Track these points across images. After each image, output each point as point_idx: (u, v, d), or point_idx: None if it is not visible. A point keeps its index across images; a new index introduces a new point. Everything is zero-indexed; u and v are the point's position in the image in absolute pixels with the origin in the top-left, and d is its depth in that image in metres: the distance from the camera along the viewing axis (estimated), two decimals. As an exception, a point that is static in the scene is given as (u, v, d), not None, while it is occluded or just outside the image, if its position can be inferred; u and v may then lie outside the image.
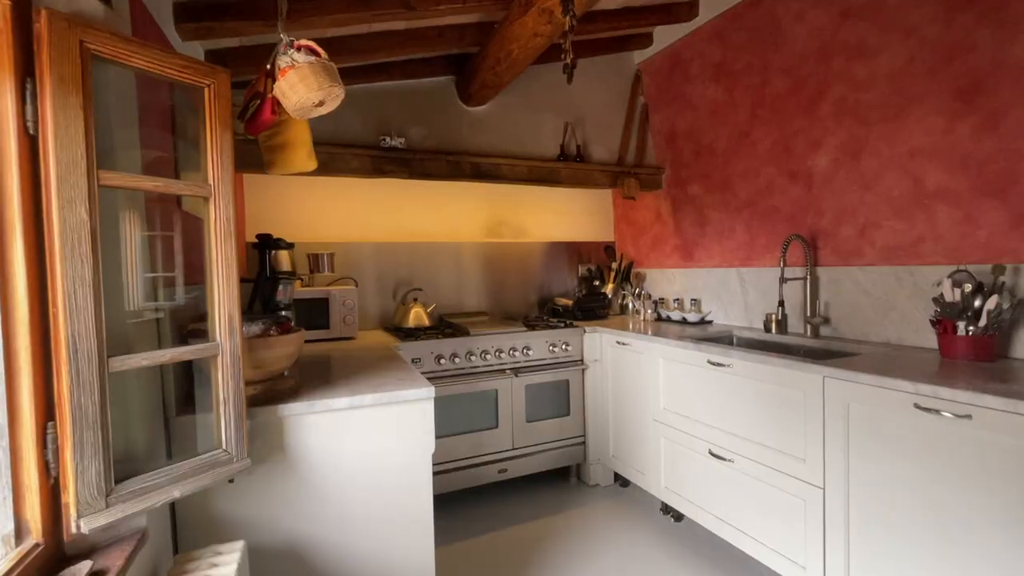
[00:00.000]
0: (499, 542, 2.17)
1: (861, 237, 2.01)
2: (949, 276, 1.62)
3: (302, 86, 1.20)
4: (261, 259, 1.85)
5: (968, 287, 1.56)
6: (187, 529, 1.19)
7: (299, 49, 1.23)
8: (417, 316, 2.71)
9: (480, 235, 3.07)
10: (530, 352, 2.54)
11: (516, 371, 2.50)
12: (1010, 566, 1.17)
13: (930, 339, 1.76)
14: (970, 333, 1.54)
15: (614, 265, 3.25)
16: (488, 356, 2.45)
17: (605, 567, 1.97)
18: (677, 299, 2.92)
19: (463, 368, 2.41)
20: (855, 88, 2.01)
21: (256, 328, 1.27)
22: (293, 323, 1.69)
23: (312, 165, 1.41)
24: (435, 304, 2.87)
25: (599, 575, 1.92)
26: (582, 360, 2.67)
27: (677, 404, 2.16)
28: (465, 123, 2.73)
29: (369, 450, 1.33)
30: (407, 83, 2.63)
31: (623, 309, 3.22)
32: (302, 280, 2.52)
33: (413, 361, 2.30)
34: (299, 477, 1.26)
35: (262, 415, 1.23)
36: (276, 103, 1.26)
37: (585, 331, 2.67)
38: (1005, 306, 1.51)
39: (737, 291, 2.56)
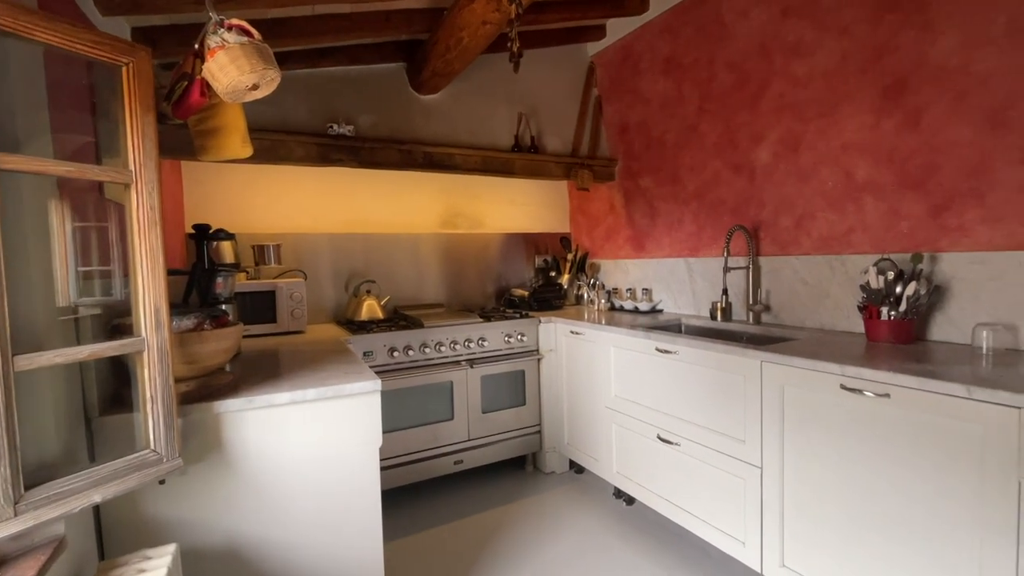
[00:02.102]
0: (454, 533, 2.17)
1: (798, 228, 2.10)
2: (874, 264, 1.73)
3: (233, 68, 1.14)
4: (198, 250, 1.76)
5: (891, 275, 1.67)
6: (115, 535, 1.13)
7: (230, 29, 1.17)
8: (370, 309, 2.66)
9: (436, 226, 3.04)
10: (485, 343, 2.54)
11: (471, 362, 2.50)
12: (926, 528, 1.26)
13: (859, 324, 1.87)
14: (892, 318, 1.64)
15: (569, 256, 3.28)
16: (443, 348, 2.43)
17: (558, 552, 2.01)
18: (630, 289, 2.98)
19: (417, 361, 2.38)
20: (793, 85, 2.09)
21: (188, 322, 1.22)
22: (231, 317, 1.62)
23: (247, 151, 1.35)
24: (389, 296, 2.83)
25: (552, 561, 1.96)
26: (537, 350, 2.69)
27: (628, 391, 2.21)
28: (417, 111, 2.68)
29: (313, 446, 1.30)
30: (356, 69, 2.55)
31: (578, 299, 3.26)
32: (247, 272, 2.43)
33: (365, 355, 2.26)
34: (238, 475, 1.22)
35: (196, 412, 1.18)
36: (206, 85, 1.19)
37: (540, 321, 2.69)
38: (922, 292, 1.62)
39: (686, 280, 2.63)
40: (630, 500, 2.37)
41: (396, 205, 2.92)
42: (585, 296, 3.14)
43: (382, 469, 2.26)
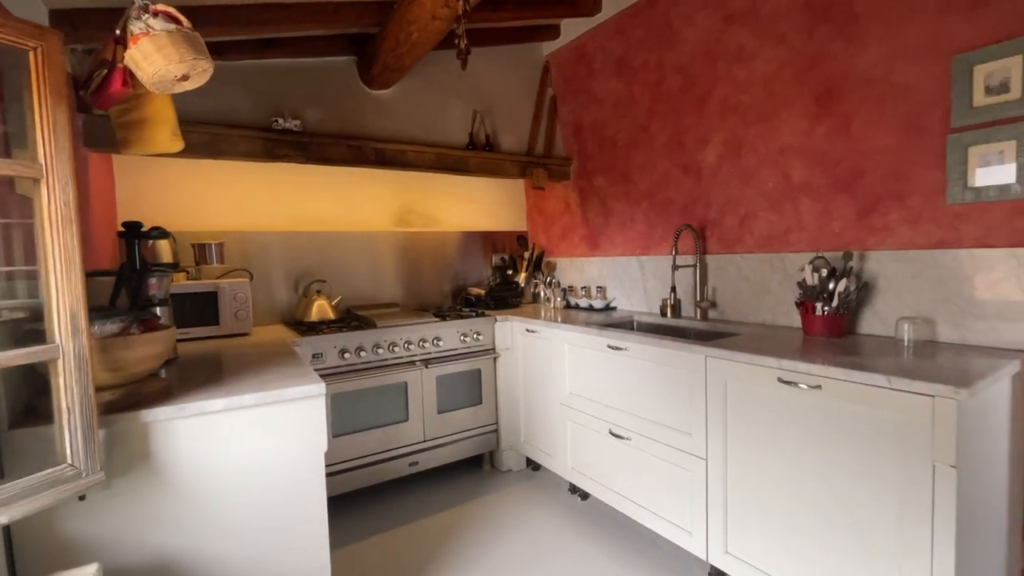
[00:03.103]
0: (407, 536, 2.14)
1: (742, 227, 2.19)
2: (810, 262, 1.81)
3: (159, 56, 1.08)
4: (128, 249, 1.66)
5: (824, 272, 1.76)
6: (29, 556, 1.05)
7: (155, 15, 1.10)
8: (321, 309, 2.58)
9: (390, 224, 2.98)
10: (441, 343, 2.52)
11: (426, 362, 2.47)
12: (857, 511, 1.34)
13: (797, 319, 1.96)
14: (826, 313, 1.73)
15: (526, 254, 3.29)
16: (397, 348, 2.39)
17: (512, 550, 2.01)
18: (585, 287, 3.02)
19: (370, 362, 2.33)
20: (736, 89, 2.17)
21: (113, 326, 1.14)
22: (165, 319, 1.54)
23: (178, 146, 1.28)
24: (341, 296, 2.76)
25: (506, 559, 1.96)
26: (494, 349, 2.69)
27: (581, 388, 2.24)
28: (368, 106, 2.62)
29: (252, 453, 1.25)
30: (304, 61, 2.47)
31: (535, 298, 3.28)
32: (187, 273, 2.31)
33: (315, 356, 2.19)
34: (169, 487, 1.15)
35: (122, 423, 1.10)
36: (129, 74, 1.12)
37: (497, 320, 2.69)
38: (852, 288, 1.71)
39: (638, 278, 2.69)
40: (585, 495, 2.40)
41: (349, 202, 2.85)
42: (542, 294, 3.16)
43: (333, 474, 2.22)
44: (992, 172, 1.49)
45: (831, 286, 1.73)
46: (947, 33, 1.56)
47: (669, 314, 2.39)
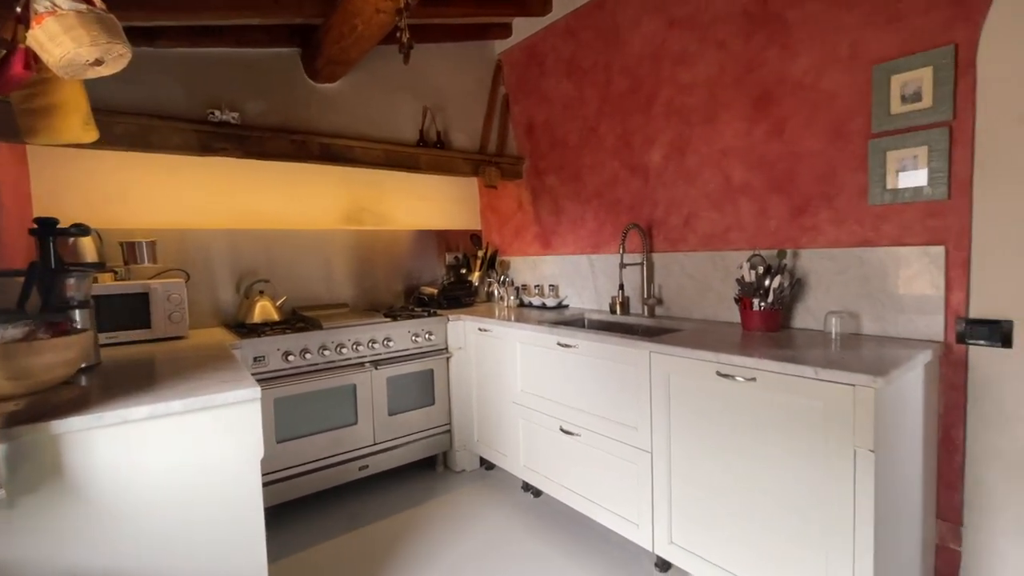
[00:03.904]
0: (358, 541, 2.09)
1: (686, 226, 2.25)
2: (747, 260, 1.89)
3: (67, 39, 1.00)
4: (41, 248, 1.53)
5: (760, 269, 1.83)
6: (-83, 586, 0.95)
7: (63, -7, 1.02)
8: (264, 310, 2.48)
9: (339, 222, 2.90)
10: (391, 343, 2.47)
11: (376, 364, 2.41)
12: (790, 495, 1.40)
13: (737, 314, 2.04)
14: (762, 308, 1.81)
15: (480, 253, 3.28)
16: (344, 350, 2.33)
17: (464, 551, 2.00)
18: (538, 285, 3.04)
19: (316, 364, 2.26)
20: (680, 92, 2.24)
21: (15, 331, 1.05)
22: (83, 323, 1.44)
23: (90, 136, 1.19)
24: (286, 297, 2.66)
25: (458, 560, 1.95)
26: (446, 348, 2.66)
27: (533, 385, 2.25)
28: (313, 100, 2.54)
29: (180, 463, 1.18)
30: (244, 52, 2.36)
31: (489, 296, 3.28)
32: (115, 273, 2.16)
33: (256, 359, 2.10)
34: (85, 503, 1.07)
35: (27, 435, 1.02)
36: (33, 56, 1.03)
37: (449, 319, 2.66)
38: (786, 285, 1.80)
39: (588, 276, 2.73)
40: (537, 492, 2.42)
41: (296, 199, 2.75)
42: (496, 293, 3.16)
43: (277, 481, 2.13)
44: (908, 175, 1.59)
45: (767, 283, 1.80)
46: (868, 44, 1.65)
47: (618, 311, 2.44)
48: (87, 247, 1.95)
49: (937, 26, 1.51)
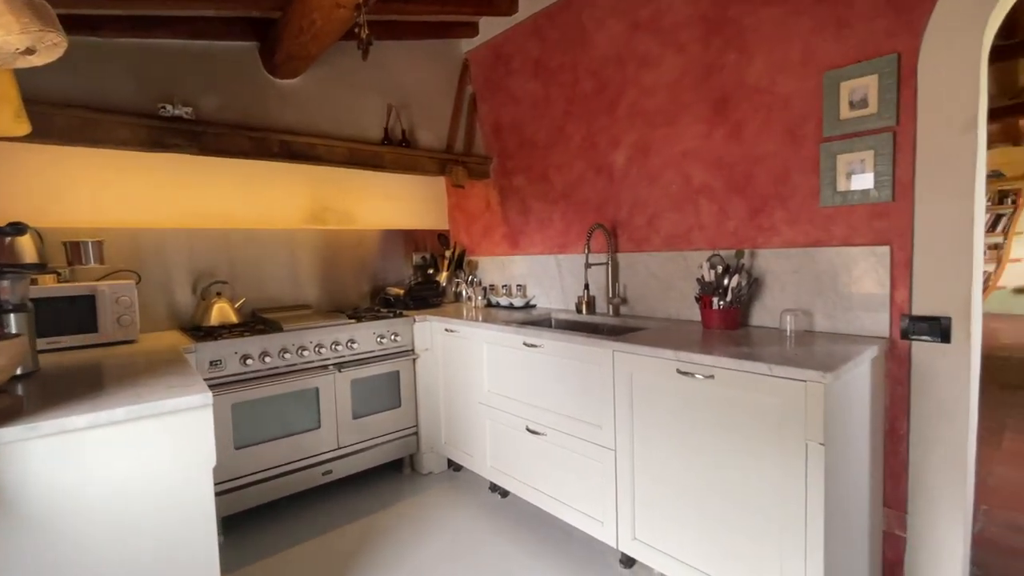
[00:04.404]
0: (321, 547, 2.04)
1: (649, 226, 2.29)
2: (707, 260, 1.93)
3: (-7, 25, 0.94)
4: (-28, 248, 1.44)
5: (720, 269, 1.88)
6: None
7: (-11, -23, 0.96)
8: (221, 313, 2.40)
9: (302, 221, 2.83)
10: (355, 345, 2.42)
11: (340, 366, 2.36)
12: (748, 489, 1.44)
13: (698, 313, 2.08)
14: (721, 307, 1.85)
15: (448, 253, 3.25)
16: (306, 352, 2.27)
17: (430, 553, 1.98)
18: (506, 285, 3.04)
19: (277, 367, 2.20)
20: (643, 94, 2.27)
21: (-62, 338, 0.98)
22: (16, 327, 1.36)
23: (22, 129, 1.12)
24: (245, 299, 2.58)
25: (425, 560, 1.93)
26: (413, 350, 2.63)
27: (499, 386, 2.25)
28: (273, 96, 2.47)
29: (126, 475, 1.13)
30: (198, 44, 2.28)
31: (457, 297, 3.26)
32: (58, 274, 2.05)
33: (212, 364, 2.03)
34: (16, 520, 1.01)
35: (-49, 449, 0.95)
36: (-46, 44, 0.96)
37: (415, 320, 2.63)
38: (744, 284, 1.85)
39: (556, 276, 2.75)
40: (505, 493, 2.42)
41: (256, 198, 2.66)
42: (463, 293, 3.14)
43: (236, 489, 2.07)
44: (856, 178, 1.66)
45: (726, 282, 1.85)
46: (818, 51, 1.71)
47: (584, 311, 2.46)
48: (25, 247, 1.84)
49: (881, 35, 1.58)
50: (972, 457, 1.57)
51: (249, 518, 2.25)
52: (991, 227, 7.53)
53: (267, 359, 2.15)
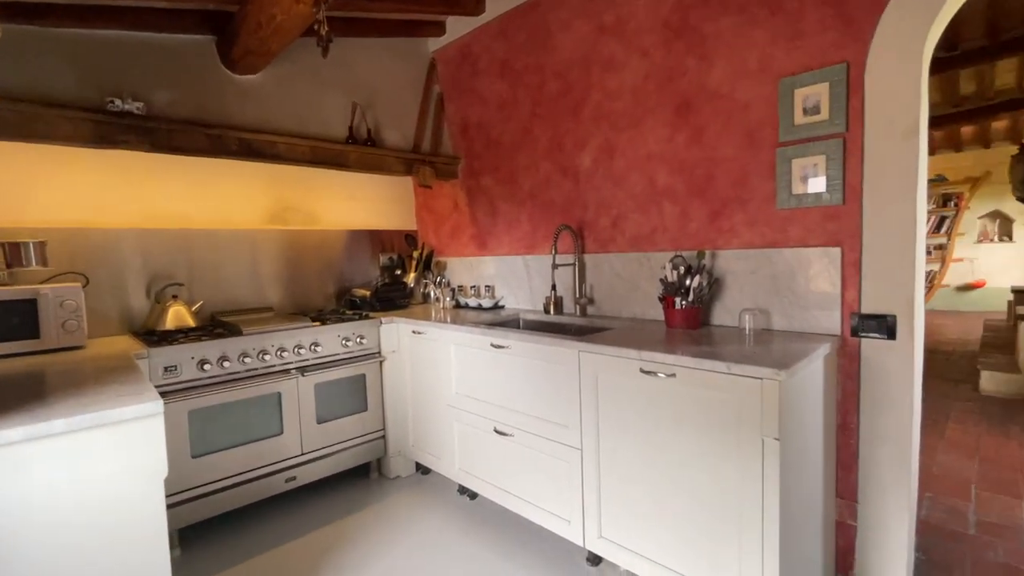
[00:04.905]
0: (285, 556, 1.99)
1: (615, 228, 2.32)
2: (670, 260, 1.97)
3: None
4: None
5: (682, 269, 1.92)
6: None
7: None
8: (178, 316, 2.31)
9: (264, 222, 2.74)
10: (319, 348, 2.37)
11: (303, 370, 2.31)
12: (709, 484, 1.47)
13: (662, 313, 2.12)
14: (683, 306, 1.89)
15: (415, 254, 3.22)
16: (268, 356, 2.20)
17: (399, 557, 1.95)
18: (474, 286, 3.02)
19: (236, 372, 2.13)
20: (608, 97, 2.30)
21: None
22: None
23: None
24: (203, 302, 2.49)
25: (393, 564, 1.90)
26: (379, 352, 2.59)
27: (467, 387, 2.24)
28: (231, 92, 2.39)
29: (68, 490, 1.07)
30: (149, 36, 2.18)
31: (425, 298, 3.23)
32: (-5, 277, 1.93)
33: (167, 370, 1.95)
34: (-56, 541, 0.95)
35: None
36: None
37: (382, 322, 2.60)
38: (705, 284, 1.89)
39: (524, 277, 2.75)
40: (473, 495, 2.41)
41: (214, 197, 2.57)
42: (432, 294, 3.11)
43: (193, 499, 2.00)
44: (810, 182, 1.72)
45: (688, 282, 1.89)
46: (774, 59, 1.77)
47: (552, 311, 2.47)
48: (-42, 249, 1.73)
49: (831, 45, 1.64)
50: (916, 448, 1.66)
51: (208, 529, 2.17)
52: (936, 228, 7.96)
53: (226, 364, 2.08)
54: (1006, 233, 7.87)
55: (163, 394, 1.91)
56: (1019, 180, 4.01)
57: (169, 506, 1.92)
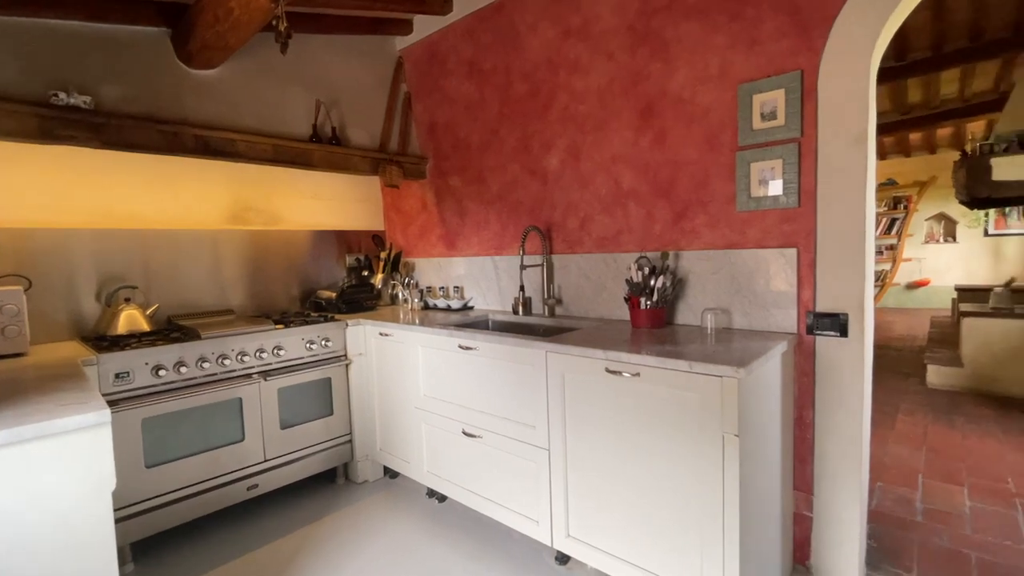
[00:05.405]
0: (247, 566, 1.93)
1: (582, 229, 2.34)
2: (635, 261, 2.00)
3: None
4: None
5: (646, 270, 1.95)
6: None
7: None
8: (131, 320, 2.21)
9: (223, 222, 2.65)
10: (282, 352, 2.31)
11: (265, 374, 2.24)
12: (672, 481, 1.50)
13: (628, 313, 2.16)
14: (648, 307, 1.92)
15: (383, 254, 3.18)
16: (228, 361, 2.13)
17: (368, 561, 1.92)
18: (443, 287, 3.01)
19: (194, 378, 2.05)
20: (575, 99, 2.32)
21: None
22: None
23: None
24: (158, 305, 2.39)
25: (362, 570, 1.86)
26: (345, 355, 2.55)
27: (435, 390, 2.22)
28: (187, 87, 2.30)
29: (3, 505, 1.01)
30: (99, 27, 2.08)
31: (393, 299, 3.19)
32: (-74, 280, 1.81)
33: (118, 376, 1.87)
34: None
35: None
36: None
37: (348, 324, 2.55)
38: (669, 284, 1.93)
39: (493, 278, 2.75)
40: (442, 498, 2.39)
41: (170, 197, 2.47)
42: (400, 295, 3.08)
43: (146, 511, 1.91)
44: (767, 185, 1.78)
45: (652, 283, 1.93)
46: (734, 65, 1.82)
47: (521, 312, 2.48)
48: None
49: (787, 53, 1.70)
50: (867, 440, 1.73)
51: (165, 541, 2.09)
52: (887, 230, 8.35)
53: (183, 369, 2.01)
54: (950, 234, 8.32)
55: (114, 402, 1.83)
56: (961, 184, 4.25)
57: (121, 519, 1.84)
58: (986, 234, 7.99)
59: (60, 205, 2.17)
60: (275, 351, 2.28)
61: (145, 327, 2.24)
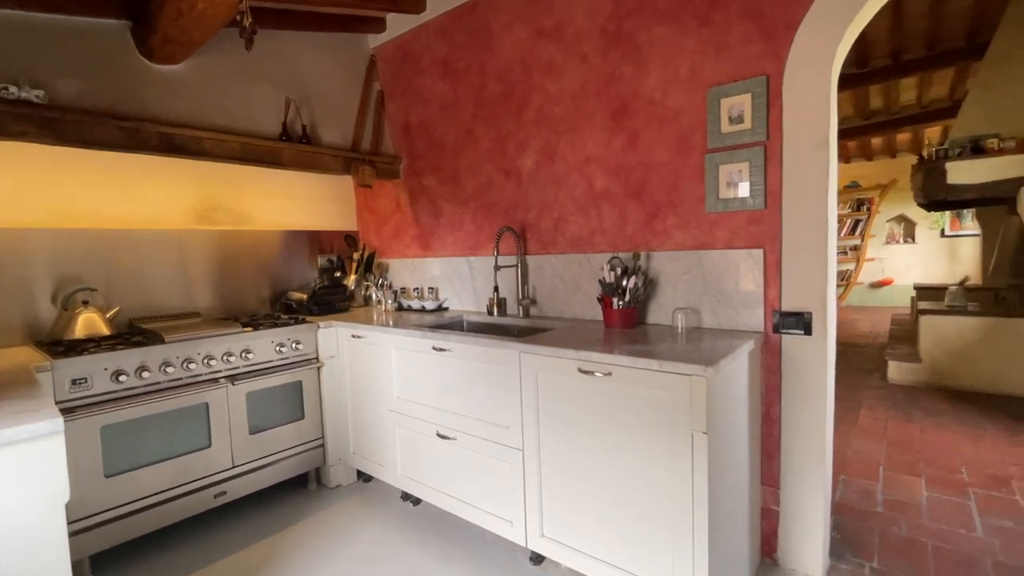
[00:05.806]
0: (212, 578, 1.88)
1: (556, 229, 2.36)
2: (608, 262, 2.02)
3: None
4: None
5: (619, 270, 1.97)
6: None
7: None
8: (89, 324, 2.13)
9: (189, 222, 2.57)
10: (251, 355, 2.25)
11: (232, 379, 2.18)
12: (645, 478, 1.52)
13: (601, 313, 2.18)
14: (620, 307, 1.95)
15: (356, 255, 3.13)
16: (193, 365, 2.07)
17: (341, 566, 1.89)
18: (417, 288, 2.98)
19: (157, 383, 1.98)
20: (549, 100, 2.33)
21: None
22: None
23: None
24: (120, 307, 2.30)
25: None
26: (317, 358, 2.50)
27: (409, 392, 2.20)
28: (151, 83, 2.22)
29: (-55, 520, 0.96)
30: (54, 18, 1.99)
31: (367, 300, 3.15)
32: None
33: (75, 383, 1.79)
34: None
35: None
36: None
37: (320, 326, 2.50)
38: (640, 284, 1.96)
39: (468, 278, 2.74)
40: (416, 501, 2.37)
41: (133, 196, 2.38)
42: (373, 296, 3.04)
43: (106, 522, 1.85)
44: (735, 187, 1.82)
45: (624, 283, 1.95)
46: (703, 69, 1.86)
47: (495, 312, 2.48)
48: None
49: (754, 58, 1.74)
50: (830, 435, 1.79)
51: (128, 553, 2.02)
52: (851, 231, 8.65)
53: (145, 374, 1.94)
54: (910, 235, 8.67)
55: (71, 409, 1.76)
56: (919, 187, 4.44)
57: (80, 531, 1.77)
58: (943, 235, 8.35)
59: (13, 204, 2.07)
60: (243, 354, 2.23)
61: (105, 331, 2.15)
